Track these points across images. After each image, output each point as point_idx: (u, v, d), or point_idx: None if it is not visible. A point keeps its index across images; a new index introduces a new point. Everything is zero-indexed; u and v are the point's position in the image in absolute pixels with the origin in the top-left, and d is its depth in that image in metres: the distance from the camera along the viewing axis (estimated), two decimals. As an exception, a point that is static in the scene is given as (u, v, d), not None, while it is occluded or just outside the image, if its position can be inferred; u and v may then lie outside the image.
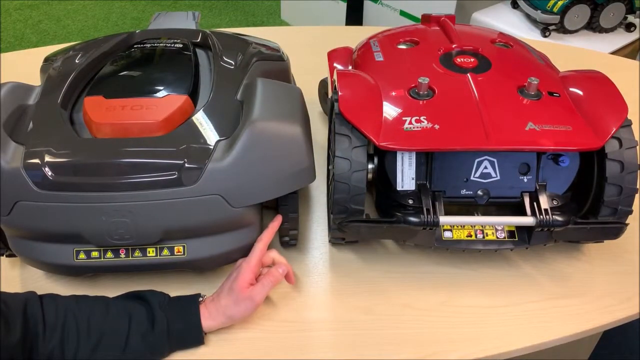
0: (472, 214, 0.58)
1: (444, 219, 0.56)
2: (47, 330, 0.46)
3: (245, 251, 0.56)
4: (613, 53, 1.40)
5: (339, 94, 0.58)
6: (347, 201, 0.55)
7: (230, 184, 0.51)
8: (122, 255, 0.54)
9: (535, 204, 0.56)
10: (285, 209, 0.58)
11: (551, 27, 1.45)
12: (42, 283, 0.59)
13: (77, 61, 0.64)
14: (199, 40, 0.71)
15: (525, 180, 0.57)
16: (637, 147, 0.55)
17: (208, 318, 0.52)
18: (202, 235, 0.54)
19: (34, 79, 0.65)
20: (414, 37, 0.70)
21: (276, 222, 0.59)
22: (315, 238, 0.67)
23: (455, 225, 0.58)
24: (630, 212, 0.55)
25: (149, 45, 0.68)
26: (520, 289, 0.59)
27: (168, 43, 0.68)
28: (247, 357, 0.52)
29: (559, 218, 0.55)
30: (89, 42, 0.70)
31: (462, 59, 0.63)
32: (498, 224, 0.58)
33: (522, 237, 0.58)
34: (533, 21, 1.48)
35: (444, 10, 0.75)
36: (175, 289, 0.56)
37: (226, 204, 0.52)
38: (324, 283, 0.61)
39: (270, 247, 0.58)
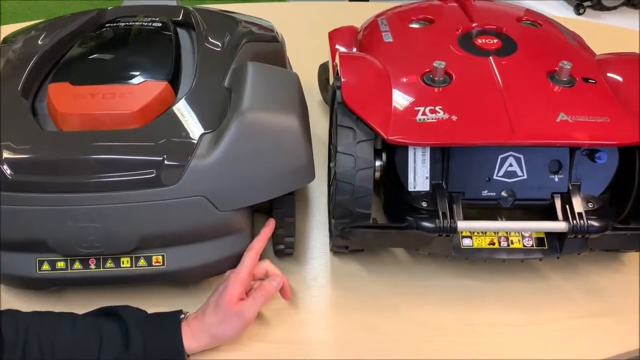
0: (495, 219, 0.58)
1: (462, 224, 0.56)
2: (6, 351, 0.46)
3: (234, 261, 0.56)
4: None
5: (342, 80, 0.58)
6: (351, 204, 0.56)
7: (216, 184, 0.52)
8: (92, 266, 0.54)
9: (567, 207, 0.57)
10: (279, 212, 0.59)
11: (586, 4, 1.45)
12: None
13: (40, 42, 0.64)
14: (180, 18, 0.72)
15: (557, 179, 0.58)
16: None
17: (191, 338, 0.51)
18: (185, 243, 0.54)
19: (-10, 64, 0.64)
20: (428, 14, 0.69)
21: (269, 228, 0.59)
22: (314, 246, 0.67)
23: (476, 232, 0.59)
24: (679, 216, 0.56)
25: (122, 24, 0.68)
26: (550, 305, 0.60)
27: (145, 22, 0.68)
28: (235, 383, 0.53)
29: (595, 223, 0.55)
30: (53, 20, 0.71)
31: (483, 40, 0.63)
32: (525, 230, 0.58)
33: (552, 245, 0.58)
34: (565, -4, 1.49)
35: (462, -16, 0.74)
36: (154, 304, 0.55)
37: (212, 206, 0.52)
38: (325, 298, 0.61)
39: (262, 256, 0.58)
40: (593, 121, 0.54)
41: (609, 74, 0.60)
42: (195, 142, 0.53)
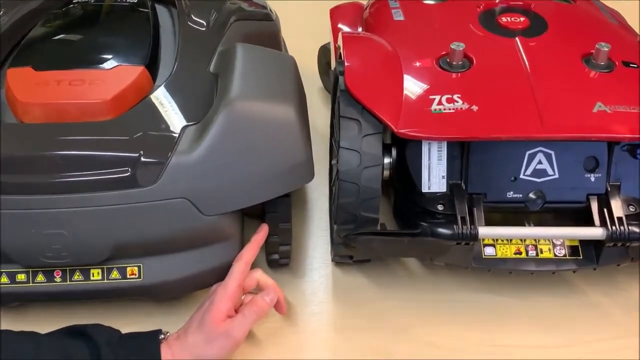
0: (521, 224, 0.58)
1: (484, 231, 0.56)
2: None
3: (221, 273, 0.56)
4: None
5: (346, 64, 0.58)
6: (356, 207, 0.56)
7: (200, 184, 0.52)
8: (58, 279, 0.54)
9: (605, 210, 0.57)
10: (274, 217, 0.59)
11: (628, -23, 1.44)
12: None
13: (-4, 21, 0.66)
14: (159, -7, 0.73)
15: (593, 179, 0.58)
16: None
17: (172, 361, 0.51)
18: (164, 252, 0.55)
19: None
20: (446, -12, 0.71)
21: (261, 235, 0.59)
22: (313, 256, 0.67)
23: (500, 239, 0.59)
24: None
25: (92, 0, 0.69)
26: (585, 324, 0.60)
27: (118, -3, 0.69)
28: (222, 414, 0.52)
29: (637, 229, 0.55)
30: (12, -5, 0.72)
31: (508, 18, 0.64)
32: (556, 237, 0.59)
33: (588, 254, 0.58)
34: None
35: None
36: (129, 323, 0.55)
37: (195, 210, 0.52)
38: (325, 315, 0.61)
39: (254, 266, 0.58)
40: (635, 112, 0.54)
41: (654, 58, 0.61)
42: (177, 135, 0.53)
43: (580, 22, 0.66)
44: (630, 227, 0.55)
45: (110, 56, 0.59)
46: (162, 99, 0.57)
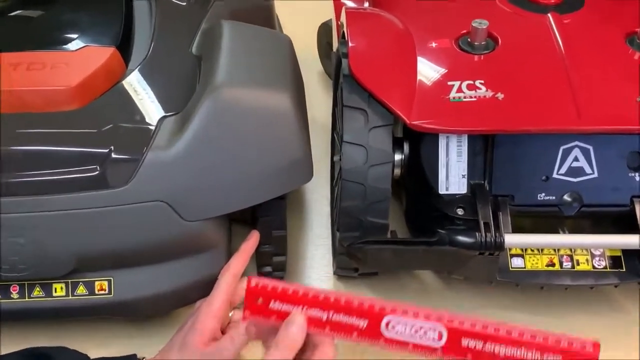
0: (555, 231, 0.59)
1: (511, 239, 0.55)
2: None
3: (205, 288, 0.55)
4: None
5: (350, 45, 0.58)
6: (362, 211, 0.56)
7: (181, 185, 0.52)
8: (14, 295, 0.54)
9: (653, 215, 0.57)
10: (266, 223, 0.59)
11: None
12: None
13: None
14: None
15: (638, 178, 0.58)
16: None
17: (148, 391, 0.51)
18: (139, 263, 0.55)
19: None
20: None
21: (251, 243, 0.59)
22: (311, 268, 0.67)
23: (530, 249, 0.59)
24: None
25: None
26: (629, 346, 0.59)
27: (85, -33, 0.68)
28: None
29: (690, 238, 0.55)
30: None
31: (539, -9, 0.65)
32: (595, 247, 0.58)
33: (632, 266, 0.58)
34: None
35: None
36: (99, 345, 0.55)
37: (175, 215, 0.52)
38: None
39: (243, 275, 0.57)
40: (687, 100, 0.55)
41: None
42: (153, 128, 0.53)
43: (623, -4, 0.66)
44: (682, 235, 0.55)
45: (75, 35, 0.59)
46: (137, 85, 0.57)
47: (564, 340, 0.41)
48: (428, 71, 0.58)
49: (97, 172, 0.51)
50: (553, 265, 0.58)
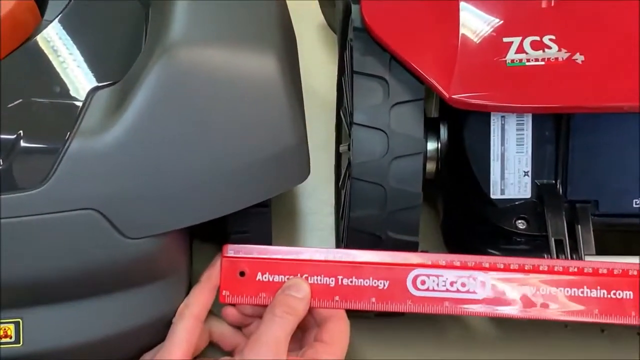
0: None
1: (595, 264, 0.55)
2: None
3: (155, 334, 0.55)
4: None
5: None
6: (381, 224, 0.54)
7: (119, 186, 0.50)
8: None
9: None
10: (242, 241, 0.57)
11: None
12: None
13: None
14: None
15: None
16: None
17: None
18: (59, 299, 0.53)
19: None
20: None
21: (218, 270, 0.57)
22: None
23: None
24: None
25: None
26: None
27: None
28: None
29: None
30: None
31: None
32: None
33: None
34: None
35: None
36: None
37: (111, 229, 0.50)
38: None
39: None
40: None
41: None
42: (80, 104, 0.52)
43: None
44: None
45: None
46: (56, 42, 0.56)
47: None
48: (474, 23, 0.56)
49: (0, 168, 0.49)
50: None
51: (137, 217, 0.50)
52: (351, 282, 0.46)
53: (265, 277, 0.46)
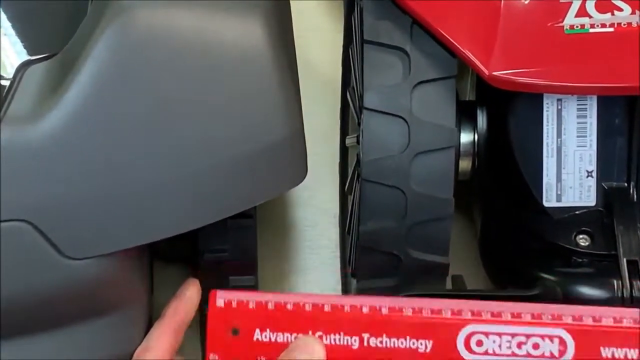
0: None
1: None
2: None
3: None
4: None
5: None
6: (400, 240, 0.55)
7: (58, 191, 0.50)
8: None
9: None
10: (218, 261, 0.58)
11: None
12: None
13: None
14: None
15: None
16: None
17: None
18: None
19: None
20: None
21: (185, 302, 0.57)
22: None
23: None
24: None
25: None
26: None
27: None
28: None
29: None
30: None
31: None
32: None
33: None
34: None
35: None
36: None
37: (47, 246, 0.50)
38: None
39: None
40: None
41: None
42: (7, 83, 0.53)
43: None
44: None
45: None
46: None
47: None
48: (520, -18, 0.55)
49: None
50: None
51: (80, 232, 0.50)
52: (381, 342, 0.44)
53: (265, 336, 0.45)
